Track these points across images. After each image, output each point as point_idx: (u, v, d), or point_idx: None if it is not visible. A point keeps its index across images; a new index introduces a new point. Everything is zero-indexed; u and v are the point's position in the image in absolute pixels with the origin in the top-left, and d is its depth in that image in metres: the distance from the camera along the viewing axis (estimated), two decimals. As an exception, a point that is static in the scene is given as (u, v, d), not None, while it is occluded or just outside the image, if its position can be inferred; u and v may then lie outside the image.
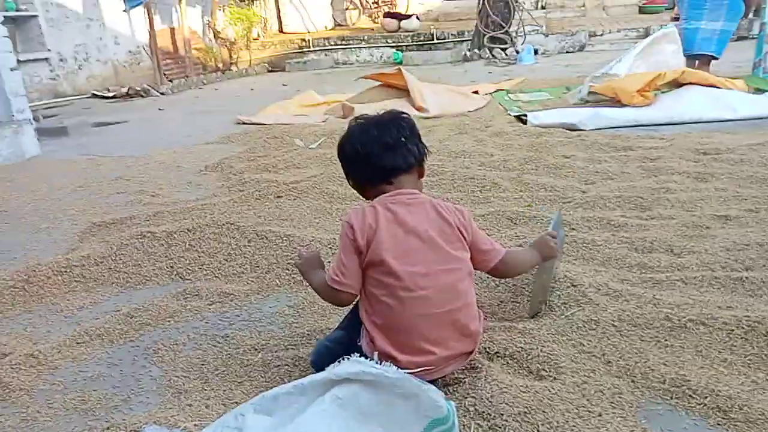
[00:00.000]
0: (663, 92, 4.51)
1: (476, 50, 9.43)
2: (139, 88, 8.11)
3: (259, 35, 11.35)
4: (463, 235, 1.42)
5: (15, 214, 3.22)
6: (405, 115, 1.52)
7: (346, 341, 1.45)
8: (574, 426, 1.25)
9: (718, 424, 1.25)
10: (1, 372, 1.64)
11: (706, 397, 1.31)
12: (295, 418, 1.06)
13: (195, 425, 1.32)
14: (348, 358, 1.17)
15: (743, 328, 1.52)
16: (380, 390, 1.11)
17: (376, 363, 1.16)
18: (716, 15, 5.13)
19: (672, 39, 5.09)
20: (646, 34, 9.93)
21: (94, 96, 8.15)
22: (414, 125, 1.51)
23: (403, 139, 1.44)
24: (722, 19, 5.10)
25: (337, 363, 1.18)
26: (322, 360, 1.38)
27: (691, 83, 4.59)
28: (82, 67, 8.34)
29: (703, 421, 1.27)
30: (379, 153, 1.44)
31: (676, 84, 4.63)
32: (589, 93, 4.89)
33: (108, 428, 1.38)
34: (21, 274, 2.25)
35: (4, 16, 5.05)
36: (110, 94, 8.11)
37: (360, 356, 1.17)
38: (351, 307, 1.52)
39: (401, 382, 1.12)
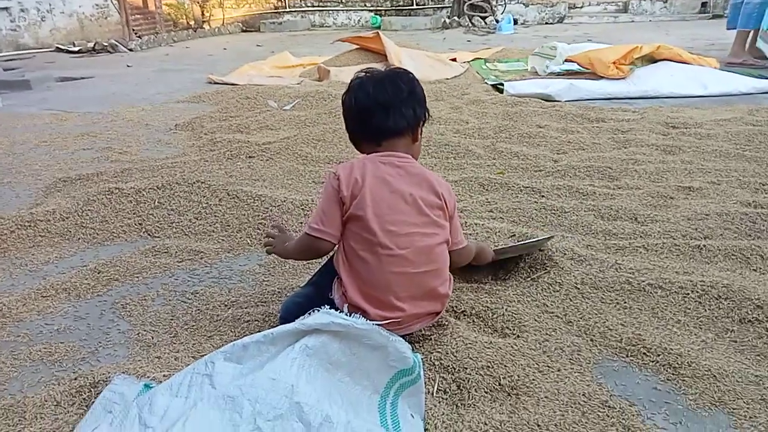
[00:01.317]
0: (637, 67, 4.57)
1: (456, 18, 9.33)
2: (106, 44, 7.79)
3: (233, -7, 10.96)
4: (447, 207, 1.41)
5: (-26, 167, 3.11)
6: (409, 76, 1.45)
7: (315, 296, 1.46)
8: (534, 379, 1.30)
9: (668, 379, 1.32)
10: (-37, 324, 1.61)
11: (659, 355, 1.38)
12: (265, 366, 1.07)
13: (164, 376, 1.32)
14: (318, 310, 1.19)
15: (697, 292, 1.59)
16: (349, 340, 1.14)
17: (346, 315, 1.19)
18: None
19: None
20: (625, 9, 9.96)
21: (59, 50, 7.81)
22: (415, 87, 1.44)
23: (397, 101, 1.39)
24: None
25: (307, 315, 1.20)
26: (291, 316, 1.38)
27: (665, 59, 4.66)
28: (45, 19, 7.96)
29: (654, 376, 1.33)
30: (370, 111, 1.40)
31: (650, 59, 4.69)
32: (565, 61, 4.91)
33: (75, 379, 1.37)
34: (-18, 227, 2.19)
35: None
36: (75, 49, 7.77)
37: (330, 308, 1.19)
38: (321, 262, 1.53)
39: (370, 333, 1.14)
